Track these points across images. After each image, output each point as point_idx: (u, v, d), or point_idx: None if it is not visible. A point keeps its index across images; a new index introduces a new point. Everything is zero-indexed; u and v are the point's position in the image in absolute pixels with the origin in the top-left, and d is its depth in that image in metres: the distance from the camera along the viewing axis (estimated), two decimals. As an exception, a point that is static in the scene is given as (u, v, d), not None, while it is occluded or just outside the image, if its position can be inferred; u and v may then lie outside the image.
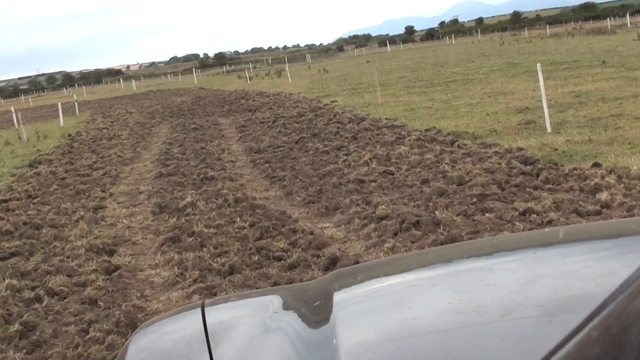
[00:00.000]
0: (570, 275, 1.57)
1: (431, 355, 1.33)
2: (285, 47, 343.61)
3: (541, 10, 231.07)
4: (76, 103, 40.94)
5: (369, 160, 11.97)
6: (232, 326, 1.68)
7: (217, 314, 1.82)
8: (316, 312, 1.69)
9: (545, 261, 1.76)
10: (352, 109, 21.60)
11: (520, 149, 11.27)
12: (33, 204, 11.54)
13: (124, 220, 9.63)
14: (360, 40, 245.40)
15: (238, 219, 8.70)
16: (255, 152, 14.88)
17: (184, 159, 14.85)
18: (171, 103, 39.02)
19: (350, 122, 17.63)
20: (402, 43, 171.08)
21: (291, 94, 32.33)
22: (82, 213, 10.07)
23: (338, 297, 1.72)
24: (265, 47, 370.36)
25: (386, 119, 17.79)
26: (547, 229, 5.12)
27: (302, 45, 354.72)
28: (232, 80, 63.09)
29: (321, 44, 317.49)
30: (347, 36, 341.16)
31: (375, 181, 10.28)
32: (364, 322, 1.55)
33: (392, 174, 10.57)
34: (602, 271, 1.55)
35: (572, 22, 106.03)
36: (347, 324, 1.53)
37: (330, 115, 19.90)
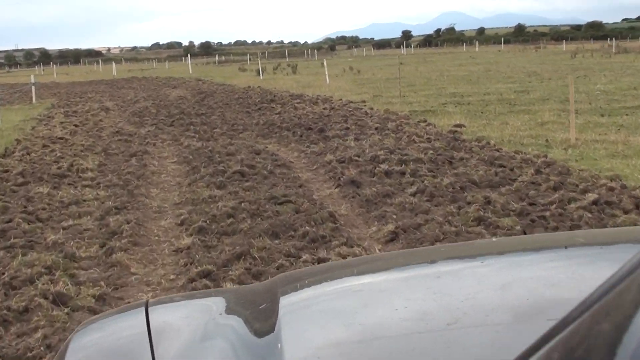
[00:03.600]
0: (518, 286, 1.55)
1: None
2: (269, 43, 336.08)
3: (528, 26, 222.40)
4: (33, 87, 29.40)
5: None
6: (176, 326, 1.62)
7: (161, 313, 1.72)
8: (262, 315, 1.64)
9: (492, 271, 1.74)
10: (543, 153, 11.03)
11: None
12: None
13: None
14: (348, 42, 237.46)
15: None
16: None
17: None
18: (164, 98, 27.96)
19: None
20: (398, 47, 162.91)
21: (350, 101, 21.61)
22: None
23: (284, 301, 1.66)
24: (249, 41, 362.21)
25: None
26: (495, 239, 4.45)
27: (285, 41, 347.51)
28: (233, 72, 51.94)
29: (306, 42, 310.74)
30: (334, 36, 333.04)
31: None
32: (309, 327, 1.52)
33: None
34: (549, 282, 1.54)
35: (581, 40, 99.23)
36: (293, 328, 1.48)
37: (530, 172, 9.42)
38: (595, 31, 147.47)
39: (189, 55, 74.77)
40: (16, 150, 13.65)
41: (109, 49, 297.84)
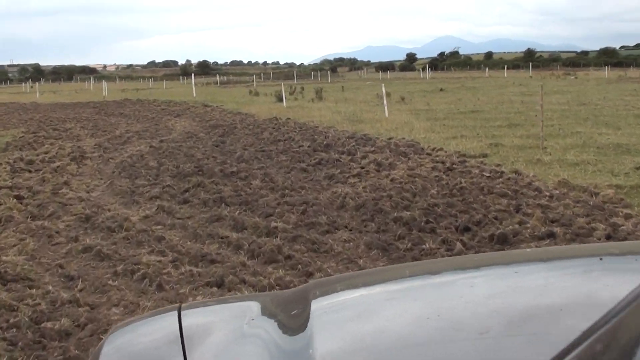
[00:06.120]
0: (551, 295, 1.50)
1: None
2: (265, 63, 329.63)
3: (520, 52, 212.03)
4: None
5: None
6: (208, 330, 1.57)
7: (194, 317, 1.68)
8: (293, 320, 1.60)
9: (526, 280, 1.68)
10: None
11: None
12: None
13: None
14: (347, 63, 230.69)
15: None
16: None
17: None
18: (167, 134, 20.16)
19: None
20: (402, 70, 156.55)
21: (463, 154, 13.81)
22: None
23: (316, 306, 1.61)
24: (244, 61, 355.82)
25: None
26: (529, 249, 4.40)
27: (281, 62, 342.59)
28: (243, 96, 44.21)
29: (302, 63, 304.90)
30: (331, 58, 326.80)
31: None
32: (340, 332, 1.47)
33: None
34: (583, 291, 1.50)
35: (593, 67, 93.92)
36: (324, 333, 1.44)
37: None
38: (608, 58, 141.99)
39: (192, 75, 66.85)
40: None
41: (104, 67, 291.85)
